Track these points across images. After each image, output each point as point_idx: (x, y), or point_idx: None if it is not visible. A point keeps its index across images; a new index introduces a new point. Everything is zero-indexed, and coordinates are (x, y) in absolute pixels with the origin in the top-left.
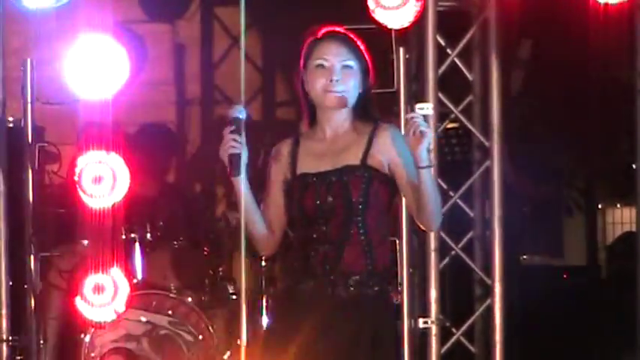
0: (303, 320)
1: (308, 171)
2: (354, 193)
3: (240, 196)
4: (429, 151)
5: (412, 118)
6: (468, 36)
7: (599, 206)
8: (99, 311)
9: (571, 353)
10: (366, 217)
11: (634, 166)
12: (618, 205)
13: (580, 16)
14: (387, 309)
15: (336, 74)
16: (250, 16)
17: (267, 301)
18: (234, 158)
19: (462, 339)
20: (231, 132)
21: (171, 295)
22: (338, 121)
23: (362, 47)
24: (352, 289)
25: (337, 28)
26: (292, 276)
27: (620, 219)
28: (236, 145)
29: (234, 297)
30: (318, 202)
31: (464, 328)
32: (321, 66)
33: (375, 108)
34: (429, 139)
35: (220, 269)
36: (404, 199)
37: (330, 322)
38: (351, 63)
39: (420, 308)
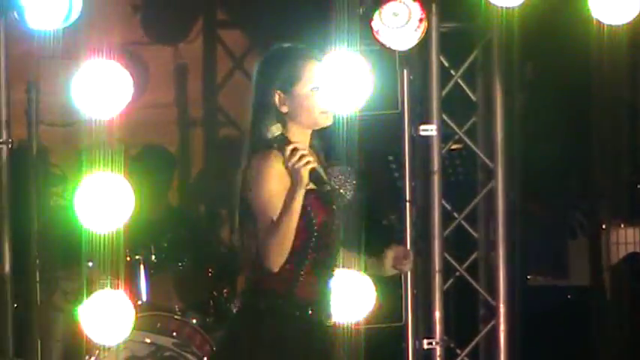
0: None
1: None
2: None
3: (298, 206)
4: None
5: None
6: (471, 57)
7: (603, 226)
8: (104, 333)
9: None
10: None
11: (639, 186)
12: (622, 226)
13: (583, 38)
14: None
15: (328, 96)
16: (252, 38)
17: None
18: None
19: None
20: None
21: (176, 316)
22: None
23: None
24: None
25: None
26: (306, 302)
27: (625, 239)
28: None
29: None
30: (332, 222)
31: (468, 348)
32: (317, 89)
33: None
34: None
35: (225, 290)
36: (408, 222)
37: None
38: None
39: (425, 329)
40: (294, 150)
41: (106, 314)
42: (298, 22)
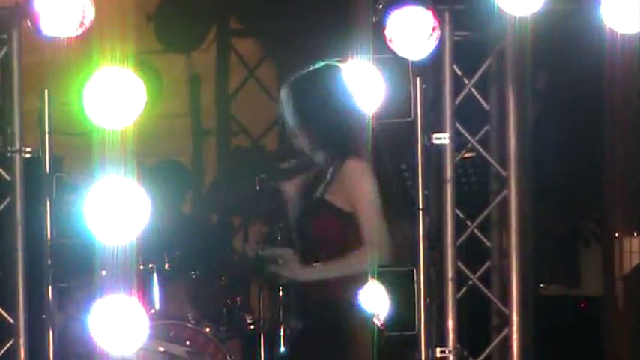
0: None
1: None
2: None
3: None
4: None
5: None
6: (484, 66)
7: (616, 235)
8: (117, 342)
9: None
10: None
11: None
12: (635, 234)
13: (597, 47)
14: None
15: None
16: (266, 47)
17: (284, 331)
18: None
19: None
20: None
21: (189, 325)
22: None
23: None
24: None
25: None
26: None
27: (638, 248)
28: None
29: (251, 327)
30: None
31: (481, 357)
32: None
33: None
34: None
35: (238, 299)
36: (421, 230)
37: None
38: None
39: (438, 338)
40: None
41: (119, 323)
42: (311, 31)
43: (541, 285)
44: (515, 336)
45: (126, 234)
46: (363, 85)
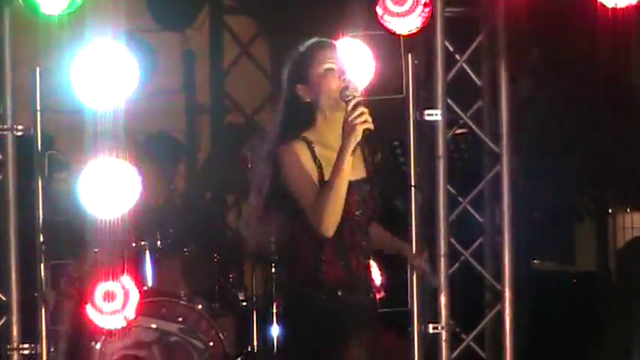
0: (356, 330)
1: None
2: (378, 204)
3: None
4: None
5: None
6: (476, 42)
7: (610, 211)
8: (109, 319)
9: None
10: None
11: None
12: (628, 210)
13: (588, 21)
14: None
15: (347, 72)
16: (259, 24)
17: (277, 308)
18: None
19: (473, 344)
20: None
21: (182, 302)
22: (338, 130)
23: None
24: (372, 299)
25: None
26: (334, 285)
27: (631, 223)
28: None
29: (244, 304)
30: (357, 210)
31: (474, 333)
32: (331, 69)
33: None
34: None
35: (231, 276)
36: (413, 207)
37: (372, 332)
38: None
39: (430, 314)
40: (357, 105)
41: (111, 299)
42: (303, 8)
43: (535, 261)
44: (507, 312)
45: (118, 211)
46: (354, 62)
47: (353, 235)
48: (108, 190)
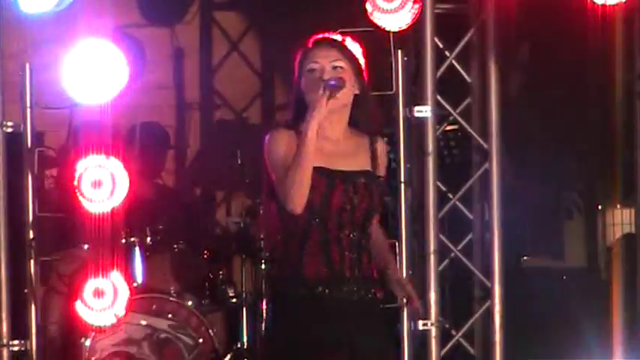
0: (341, 327)
1: (326, 166)
2: (375, 198)
3: (313, 136)
4: None
5: None
6: (466, 38)
7: (599, 207)
8: (99, 315)
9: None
10: (373, 223)
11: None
12: (618, 206)
13: (578, 18)
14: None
15: (327, 73)
16: (249, 20)
17: (267, 304)
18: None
19: (462, 341)
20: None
21: (172, 298)
22: (338, 123)
23: (354, 50)
24: (371, 295)
25: (326, 34)
26: (315, 280)
27: (621, 220)
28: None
29: (234, 300)
30: (344, 201)
31: (464, 330)
32: (313, 70)
33: (372, 113)
34: None
35: (220, 272)
36: (403, 203)
37: (364, 328)
38: (341, 63)
39: (420, 310)
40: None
41: (101, 296)
42: (293, 4)
43: (525, 257)
44: (497, 308)
45: (107, 208)
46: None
47: (340, 227)
48: (97, 185)
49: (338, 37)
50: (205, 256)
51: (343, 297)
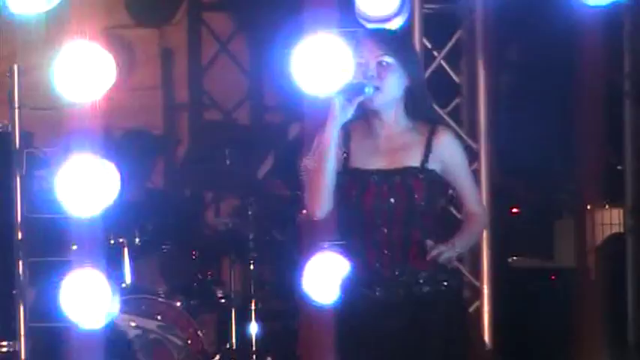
0: (384, 327)
1: (363, 167)
2: (417, 195)
3: (332, 141)
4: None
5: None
6: (454, 38)
7: (589, 207)
8: (88, 316)
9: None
10: (425, 219)
11: (619, 167)
12: (607, 207)
13: (567, 18)
14: (459, 304)
15: (371, 70)
16: (238, 21)
17: (255, 305)
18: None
19: None
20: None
21: (160, 299)
22: (389, 119)
23: (404, 41)
24: (424, 285)
25: (376, 27)
26: (353, 285)
27: (610, 220)
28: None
29: (223, 301)
30: (379, 202)
31: None
32: (359, 65)
33: (431, 105)
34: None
35: (209, 273)
36: None
37: (413, 323)
38: (387, 59)
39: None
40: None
41: (90, 297)
42: (282, 4)
43: (515, 258)
44: (486, 309)
45: (96, 208)
46: (332, 59)
47: (376, 227)
48: (86, 187)
49: (389, 29)
50: (194, 256)
51: (384, 297)
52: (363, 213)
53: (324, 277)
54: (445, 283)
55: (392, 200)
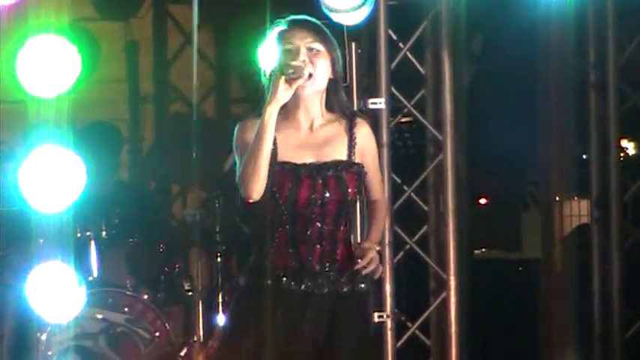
0: (308, 319)
1: (292, 161)
2: (350, 189)
3: (272, 121)
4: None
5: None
6: (419, 30)
7: (556, 198)
8: (55, 310)
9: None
10: (350, 213)
11: (585, 156)
12: (575, 198)
13: (531, 10)
14: (370, 305)
15: (302, 55)
16: (204, 14)
17: (223, 298)
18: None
19: (418, 333)
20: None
21: (127, 292)
22: (314, 109)
23: (327, 33)
24: (345, 284)
25: (302, 16)
26: (282, 275)
27: (578, 211)
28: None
29: (190, 294)
30: (313, 196)
31: (419, 322)
32: (288, 51)
33: (346, 98)
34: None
35: (176, 266)
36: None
37: (335, 319)
38: (317, 46)
39: (375, 302)
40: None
41: (57, 291)
42: None
43: (482, 250)
44: (452, 300)
45: (62, 202)
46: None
47: (309, 221)
48: (52, 180)
49: (315, 19)
50: (161, 249)
51: (310, 290)
52: (296, 207)
53: None
54: (362, 285)
55: (327, 194)
